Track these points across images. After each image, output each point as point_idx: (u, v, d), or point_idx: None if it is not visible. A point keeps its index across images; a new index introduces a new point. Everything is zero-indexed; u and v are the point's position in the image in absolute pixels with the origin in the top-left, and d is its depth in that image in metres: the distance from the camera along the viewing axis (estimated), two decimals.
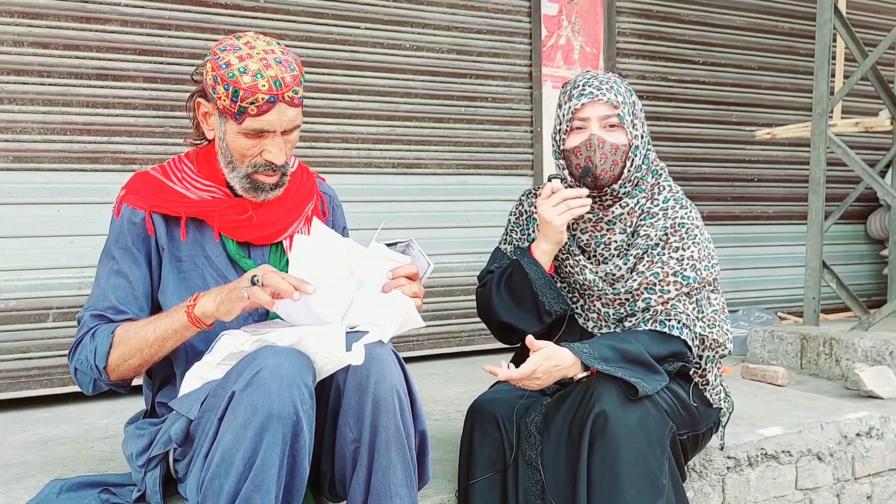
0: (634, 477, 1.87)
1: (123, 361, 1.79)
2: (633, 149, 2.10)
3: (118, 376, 1.83)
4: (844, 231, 5.47)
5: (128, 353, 1.78)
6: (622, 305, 2.16)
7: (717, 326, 2.17)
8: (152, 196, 1.87)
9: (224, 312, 1.71)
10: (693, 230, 2.14)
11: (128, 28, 3.41)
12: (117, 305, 1.85)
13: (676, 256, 2.12)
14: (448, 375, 3.81)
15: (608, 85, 2.10)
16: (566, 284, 2.23)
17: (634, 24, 4.74)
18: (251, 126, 1.78)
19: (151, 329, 1.77)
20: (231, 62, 1.75)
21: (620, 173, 2.10)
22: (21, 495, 2.12)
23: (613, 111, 2.07)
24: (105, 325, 1.83)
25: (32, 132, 3.27)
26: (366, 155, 3.99)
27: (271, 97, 1.75)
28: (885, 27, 5.37)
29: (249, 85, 1.73)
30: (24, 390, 3.28)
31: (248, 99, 1.74)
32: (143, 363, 1.81)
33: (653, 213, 2.16)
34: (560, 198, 2.07)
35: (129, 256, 1.87)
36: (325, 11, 3.84)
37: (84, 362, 1.82)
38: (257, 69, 1.74)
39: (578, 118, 2.09)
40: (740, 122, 5.10)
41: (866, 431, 2.93)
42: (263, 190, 1.87)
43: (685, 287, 2.11)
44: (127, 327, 1.80)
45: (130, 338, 1.78)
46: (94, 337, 1.81)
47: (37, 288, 3.28)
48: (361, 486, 1.73)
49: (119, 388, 1.91)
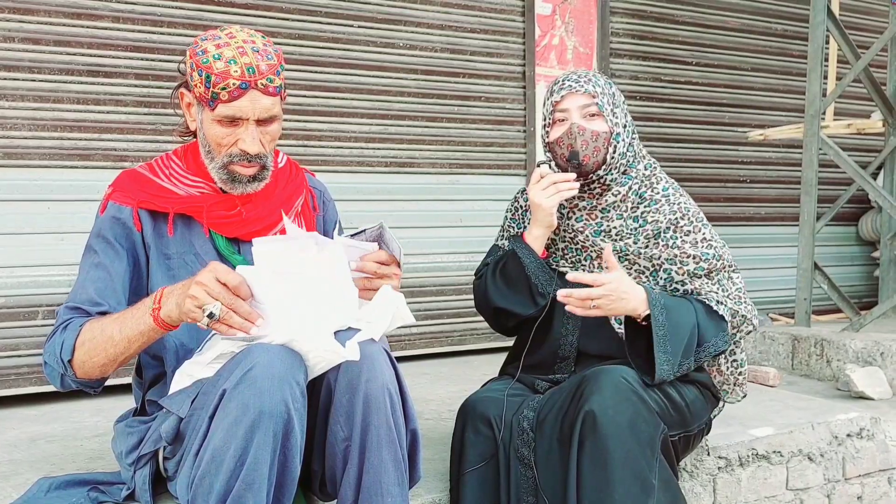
0: (624, 477, 1.87)
1: (89, 358, 1.74)
2: (614, 136, 2.15)
3: (84, 374, 1.77)
4: (836, 233, 5.49)
5: (93, 349, 1.73)
6: (641, 274, 2.19)
7: (743, 303, 2.21)
8: (140, 192, 1.86)
9: (178, 318, 1.67)
10: (698, 214, 2.22)
11: (119, 25, 3.40)
12: (94, 298, 1.80)
13: (690, 240, 2.17)
14: (439, 375, 3.81)
15: (586, 77, 2.18)
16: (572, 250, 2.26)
17: (628, 24, 4.74)
18: (223, 112, 1.77)
19: (118, 328, 1.71)
20: (208, 49, 1.76)
21: (604, 160, 2.15)
22: (9, 493, 2.10)
23: (592, 100, 2.14)
24: (78, 319, 1.78)
25: (23, 128, 3.25)
26: (358, 154, 3.98)
27: (243, 83, 1.74)
28: (877, 29, 5.38)
29: (222, 70, 1.73)
30: (13, 388, 3.26)
31: (219, 84, 1.74)
32: (108, 362, 1.74)
33: (655, 200, 2.20)
34: (549, 181, 2.14)
35: (111, 250, 1.84)
36: (318, 9, 3.83)
37: (52, 355, 1.77)
38: (232, 56, 1.74)
39: (559, 110, 2.17)
40: (733, 124, 5.11)
41: (857, 432, 2.93)
42: (241, 182, 1.85)
43: (704, 263, 2.15)
44: (94, 323, 1.75)
45: (97, 334, 1.73)
46: (65, 330, 1.77)
47: (26, 285, 3.27)
48: (352, 485, 1.72)
49: (87, 387, 1.83)
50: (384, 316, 1.78)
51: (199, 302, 1.60)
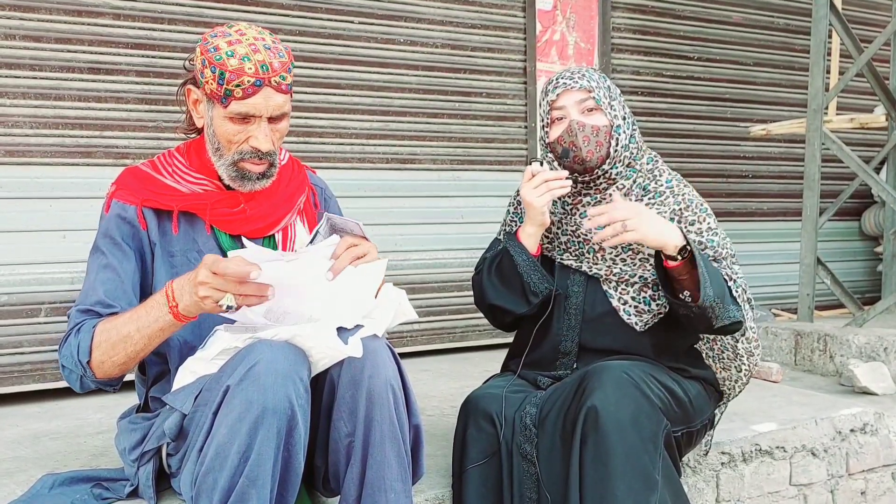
0: (626, 472, 1.87)
1: (108, 358, 1.73)
2: (615, 128, 2.14)
3: (103, 373, 1.76)
4: (839, 228, 5.48)
5: (111, 349, 1.72)
6: (646, 262, 2.17)
7: (747, 291, 2.20)
8: (143, 191, 1.86)
9: (198, 312, 1.67)
10: (703, 205, 2.21)
11: (120, 22, 3.40)
12: (105, 300, 1.80)
13: (694, 229, 2.16)
14: (441, 371, 3.81)
15: (580, 73, 2.16)
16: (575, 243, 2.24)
17: (629, 19, 4.73)
18: (237, 110, 1.77)
19: (134, 327, 1.70)
20: (220, 46, 1.75)
21: (608, 153, 2.14)
22: (13, 490, 2.10)
23: (588, 95, 2.13)
24: (90, 321, 1.78)
25: (24, 126, 3.25)
26: (359, 150, 3.97)
27: (257, 80, 1.74)
28: (880, 23, 5.37)
29: (236, 67, 1.73)
30: (17, 385, 3.26)
31: (234, 81, 1.73)
32: (128, 360, 1.74)
33: (660, 192, 2.20)
34: (540, 179, 2.12)
35: (119, 250, 1.84)
36: (318, 6, 3.83)
37: (69, 358, 1.76)
38: (245, 53, 1.74)
39: (556, 108, 2.16)
40: (735, 119, 5.10)
41: (860, 427, 2.93)
42: (250, 179, 1.85)
43: (710, 250, 2.15)
44: (108, 323, 1.75)
45: (113, 335, 1.72)
46: (79, 333, 1.77)
47: (29, 283, 3.27)
48: (356, 481, 1.72)
49: (107, 386, 1.83)
50: (387, 312, 1.79)
51: (212, 302, 1.59)
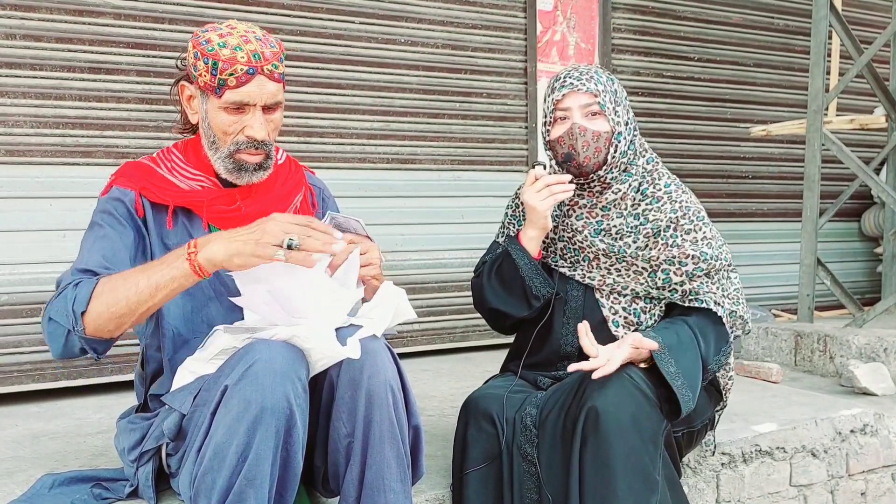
0: (627, 473, 1.87)
1: (106, 308, 1.65)
2: (615, 135, 2.13)
3: (96, 329, 1.67)
4: (839, 228, 5.48)
5: (113, 300, 1.65)
6: (639, 275, 2.17)
7: (740, 303, 2.20)
8: (142, 179, 1.87)
9: (239, 264, 1.61)
10: (700, 213, 2.20)
11: (121, 21, 3.40)
12: (104, 262, 1.76)
13: (690, 238, 2.15)
14: (441, 371, 3.80)
15: (588, 75, 2.14)
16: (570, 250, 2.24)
17: (630, 20, 4.73)
18: (231, 98, 1.79)
19: (144, 277, 1.64)
20: (211, 39, 1.79)
21: (605, 160, 2.14)
22: (13, 490, 2.10)
23: (594, 99, 2.12)
24: (90, 279, 1.71)
25: (25, 126, 3.25)
26: (360, 150, 3.97)
27: (250, 68, 1.77)
28: (880, 24, 5.37)
29: (228, 57, 1.76)
30: (16, 385, 3.26)
31: (227, 70, 1.76)
32: (128, 312, 1.65)
33: (658, 197, 2.18)
34: (543, 183, 2.11)
35: (118, 224, 1.83)
36: (319, 6, 3.83)
37: (60, 310, 1.68)
38: (237, 43, 1.78)
39: (560, 108, 2.14)
40: (735, 119, 5.10)
41: (860, 428, 2.93)
42: (247, 170, 1.86)
43: (703, 263, 2.14)
44: (114, 275, 1.69)
45: (117, 284, 1.66)
46: (77, 287, 1.69)
47: (29, 282, 3.27)
48: (355, 481, 1.72)
49: (94, 347, 1.72)
50: (386, 312, 1.79)
51: (273, 238, 1.57)
